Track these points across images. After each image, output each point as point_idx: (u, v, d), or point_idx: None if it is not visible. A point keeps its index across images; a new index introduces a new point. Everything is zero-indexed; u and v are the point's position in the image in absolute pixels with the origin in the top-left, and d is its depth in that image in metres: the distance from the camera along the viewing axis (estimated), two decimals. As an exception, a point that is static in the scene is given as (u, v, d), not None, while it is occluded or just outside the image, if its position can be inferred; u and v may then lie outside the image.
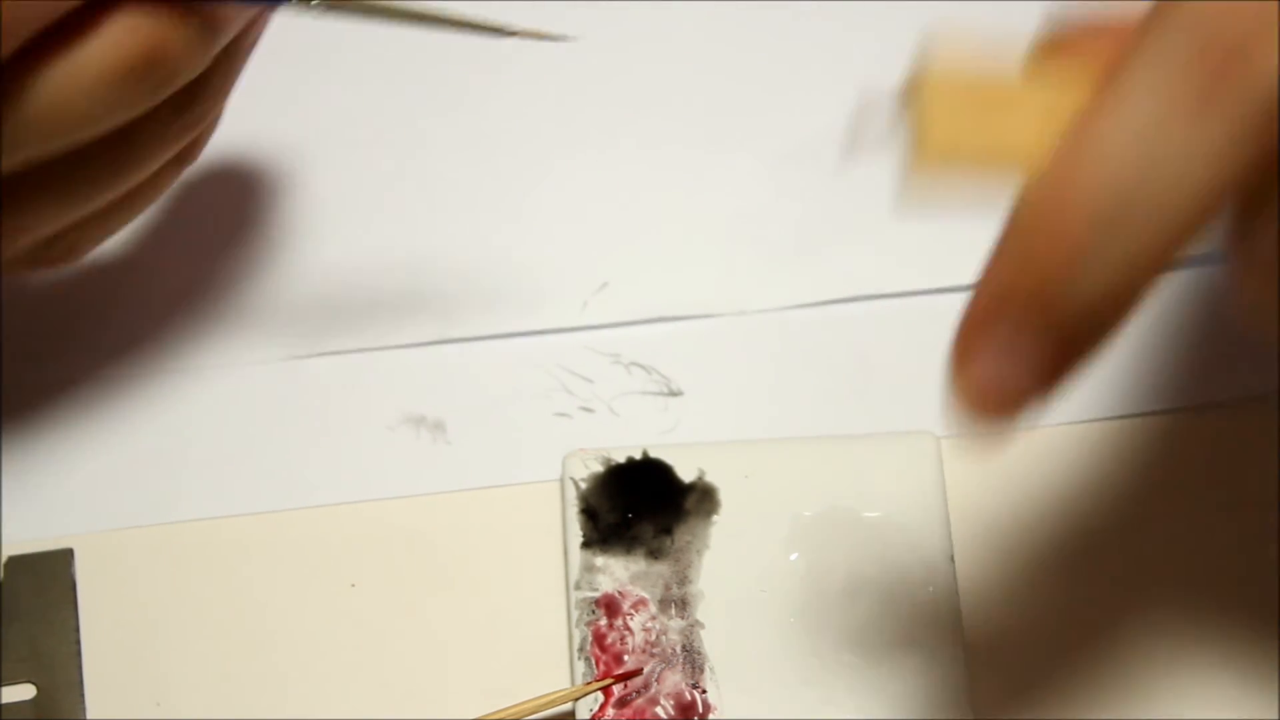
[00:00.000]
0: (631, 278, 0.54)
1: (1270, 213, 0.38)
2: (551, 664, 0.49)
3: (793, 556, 0.50)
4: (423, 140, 0.56)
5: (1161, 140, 0.35)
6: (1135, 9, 0.38)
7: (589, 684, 0.48)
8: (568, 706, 0.48)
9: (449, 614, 0.50)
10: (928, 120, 0.38)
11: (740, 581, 0.49)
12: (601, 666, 0.48)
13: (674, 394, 0.53)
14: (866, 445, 0.50)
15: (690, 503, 0.50)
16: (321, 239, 0.55)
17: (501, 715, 0.47)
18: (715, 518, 0.50)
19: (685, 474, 0.50)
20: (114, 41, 0.42)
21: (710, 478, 0.50)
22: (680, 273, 0.54)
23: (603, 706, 0.48)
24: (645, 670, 0.48)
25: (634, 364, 0.53)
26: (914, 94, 0.38)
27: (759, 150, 0.56)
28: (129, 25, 0.43)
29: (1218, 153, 0.35)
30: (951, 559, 0.49)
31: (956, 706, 0.48)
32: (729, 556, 0.50)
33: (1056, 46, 0.40)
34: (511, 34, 0.45)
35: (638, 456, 0.50)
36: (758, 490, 0.50)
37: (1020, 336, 0.37)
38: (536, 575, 0.50)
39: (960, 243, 0.54)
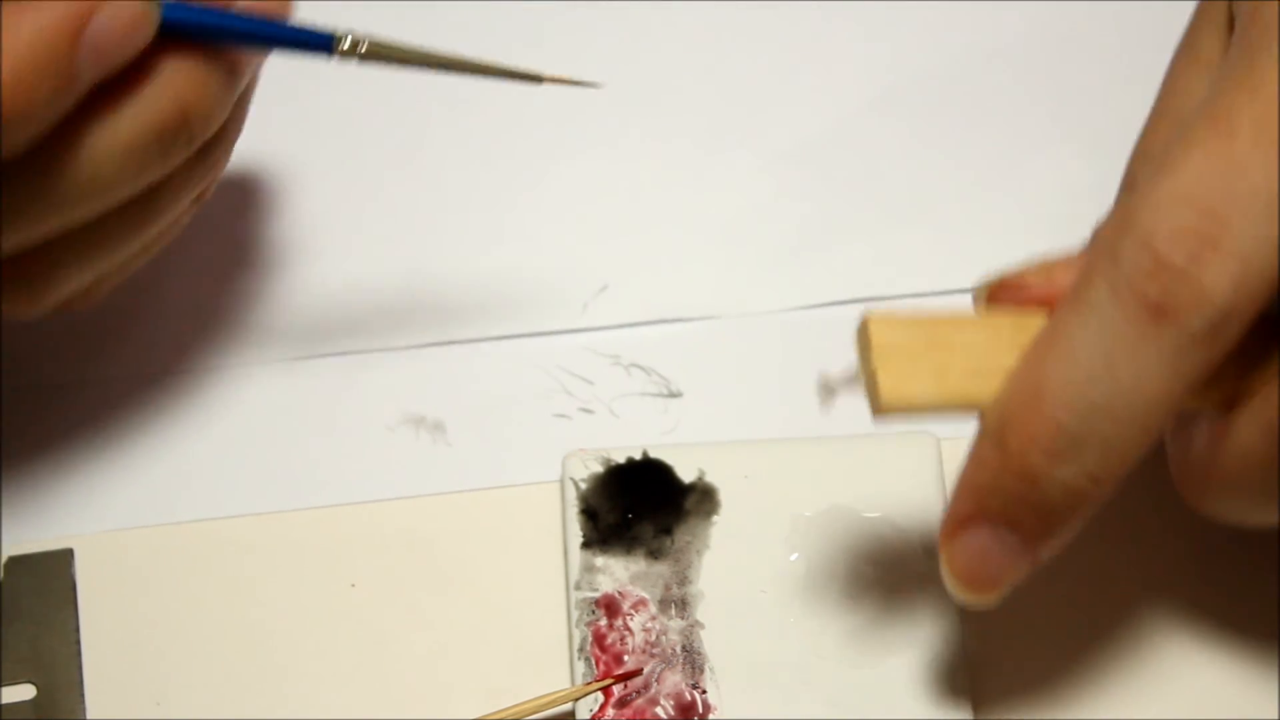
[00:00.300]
0: (631, 280, 0.54)
1: (1201, 418, 0.43)
2: (551, 664, 0.49)
3: (793, 557, 0.50)
4: (422, 143, 0.56)
5: (1116, 363, 0.39)
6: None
7: (589, 684, 0.48)
8: (568, 707, 0.48)
9: (449, 614, 0.50)
10: (878, 374, 0.42)
11: (740, 582, 0.49)
12: (601, 667, 0.48)
13: (674, 395, 0.53)
14: (866, 445, 0.50)
15: (690, 503, 0.50)
16: (322, 241, 0.55)
17: (502, 715, 0.47)
18: (715, 518, 0.50)
19: (685, 474, 0.50)
20: (148, 105, 0.42)
21: (710, 478, 0.50)
22: (680, 275, 0.54)
23: (603, 707, 0.48)
24: (645, 670, 0.48)
25: (634, 365, 0.53)
26: (864, 345, 0.42)
27: (758, 152, 0.56)
28: (161, 87, 0.42)
29: (1167, 372, 0.39)
30: (951, 559, 0.49)
31: (956, 706, 0.48)
32: (729, 557, 0.50)
33: (996, 289, 0.44)
34: (541, 81, 0.47)
35: (637, 457, 0.50)
36: (758, 490, 0.50)
37: (997, 531, 0.42)
38: (536, 575, 0.50)
39: (958, 246, 0.55)
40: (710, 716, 0.48)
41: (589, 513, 0.50)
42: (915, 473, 0.50)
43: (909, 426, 0.50)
